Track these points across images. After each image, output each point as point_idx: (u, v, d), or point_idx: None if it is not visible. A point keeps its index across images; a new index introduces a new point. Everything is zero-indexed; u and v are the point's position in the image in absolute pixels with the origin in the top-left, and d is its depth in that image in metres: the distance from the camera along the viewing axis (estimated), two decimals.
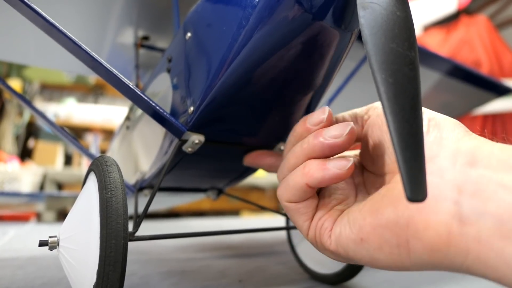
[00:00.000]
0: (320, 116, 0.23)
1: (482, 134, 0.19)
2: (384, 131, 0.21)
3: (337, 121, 0.25)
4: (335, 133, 0.21)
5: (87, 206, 0.23)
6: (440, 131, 0.19)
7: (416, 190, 0.14)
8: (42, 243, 0.24)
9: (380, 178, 0.23)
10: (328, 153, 0.22)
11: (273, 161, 0.30)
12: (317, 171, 0.21)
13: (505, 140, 0.19)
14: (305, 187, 0.22)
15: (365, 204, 0.20)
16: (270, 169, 0.30)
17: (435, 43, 1.65)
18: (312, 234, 0.23)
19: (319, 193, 0.24)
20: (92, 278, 0.20)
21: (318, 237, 0.22)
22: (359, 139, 0.24)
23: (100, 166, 0.23)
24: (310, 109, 0.29)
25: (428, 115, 0.20)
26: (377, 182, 0.23)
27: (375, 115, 0.23)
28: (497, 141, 0.18)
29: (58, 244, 0.24)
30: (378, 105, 0.23)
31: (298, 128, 0.24)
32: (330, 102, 0.43)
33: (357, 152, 0.26)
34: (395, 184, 0.19)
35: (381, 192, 0.20)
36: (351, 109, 0.25)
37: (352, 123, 0.22)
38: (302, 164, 0.22)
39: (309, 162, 0.22)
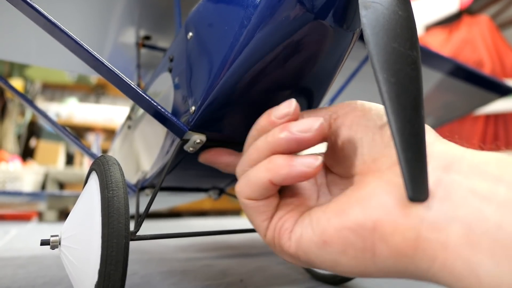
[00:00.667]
0: (285, 109, 0.21)
1: (452, 139, 0.19)
2: (354, 130, 0.20)
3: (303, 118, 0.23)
4: (303, 127, 0.20)
5: (88, 205, 0.23)
6: None
7: (418, 190, 0.14)
8: (44, 242, 0.24)
9: (346, 180, 0.22)
10: (294, 149, 0.20)
11: (231, 159, 0.28)
12: (282, 167, 0.20)
13: (496, 145, 0.19)
14: (268, 183, 0.20)
15: (330, 205, 0.19)
16: (226, 168, 0.28)
17: (437, 43, 1.65)
18: (271, 235, 0.21)
19: (280, 192, 0.23)
20: (94, 277, 0.20)
21: (277, 239, 0.21)
22: (325, 138, 0.22)
23: (101, 166, 0.23)
24: (312, 107, 0.29)
25: None
26: (342, 183, 0.22)
27: (344, 114, 0.21)
28: (468, 147, 0.18)
29: (59, 243, 0.24)
30: (349, 103, 0.22)
31: (262, 121, 0.23)
32: (331, 102, 0.43)
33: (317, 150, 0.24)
34: (363, 185, 0.18)
35: (348, 193, 0.19)
36: None
37: (322, 118, 0.20)
38: (267, 159, 0.21)
39: (274, 157, 0.20)
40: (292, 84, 0.26)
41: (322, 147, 0.23)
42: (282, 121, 0.21)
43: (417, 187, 0.14)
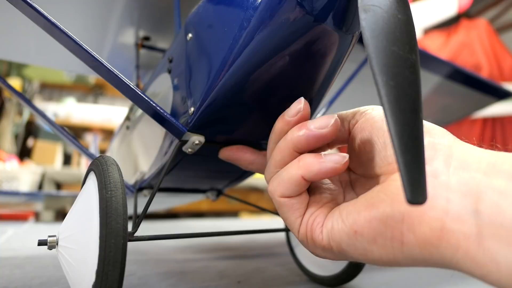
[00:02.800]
0: (296, 106, 0.23)
1: (469, 141, 0.20)
2: (375, 134, 0.21)
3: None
4: (320, 124, 0.21)
5: (86, 205, 0.23)
6: (432, 137, 0.20)
7: (416, 192, 0.14)
8: (41, 243, 0.24)
9: (370, 180, 0.23)
10: (313, 145, 0.22)
11: (253, 158, 0.29)
12: (314, 164, 0.21)
13: (493, 146, 0.20)
14: (301, 179, 0.22)
15: (358, 200, 0.20)
16: (249, 166, 0.29)
17: (436, 46, 1.65)
18: (303, 230, 0.23)
19: (309, 191, 0.24)
20: (91, 277, 0.20)
21: (309, 233, 0.22)
22: (345, 141, 0.25)
23: (100, 166, 0.23)
24: (311, 109, 0.29)
25: None
26: (367, 184, 0.23)
27: (364, 120, 0.23)
28: (485, 147, 0.19)
29: (57, 244, 0.24)
30: (366, 109, 0.23)
31: (278, 124, 0.24)
32: (330, 104, 0.43)
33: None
34: (390, 182, 0.20)
35: (375, 189, 0.20)
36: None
37: (336, 114, 0.22)
38: (297, 158, 0.22)
39: (304, 156, 0.22)
40: (291, 85, 0.26)
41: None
42: (295, 119, 0.23)
43: (415, 190, 0.14)
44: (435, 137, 0.20)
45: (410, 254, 0.18)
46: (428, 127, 0.21)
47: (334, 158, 0.21)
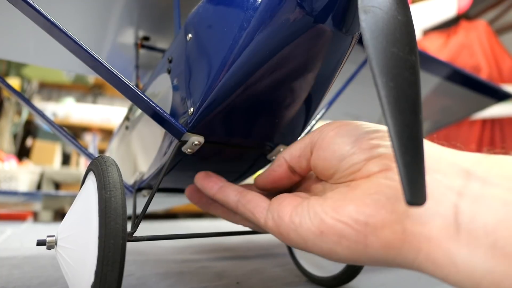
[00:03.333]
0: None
1: (434, 140, 0.20)
2: (332, 150, 0.22)
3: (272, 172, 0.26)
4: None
5: (86, 206, 0.23)
6: None
7: (416, 194, 0.14)
8: (40, 243, 0.24)
9: (340, 185, 0.22)
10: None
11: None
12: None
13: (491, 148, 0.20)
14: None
15: (327, 200, 0.21)
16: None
17: (435, 47, 1.66)
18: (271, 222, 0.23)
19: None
20: (90, 278, 0.20)
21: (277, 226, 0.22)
22: (307, 168, 0.25)
23: (99, 166, 0.23)
24: (310, 111, 0.29)
25: None
26: (336, 187, 0.23)
27: (320, 139, 0.23)
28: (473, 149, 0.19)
29: (56, 244, 0.24)
30: (320, 128, 0.24)
31: None
32: (330, 105, 0.43)
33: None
34: (356, 187, 0.20)
35: (343, 192, 0.20)
36: (351, 112, 0.26)
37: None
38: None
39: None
40: (290, 86, 0.26)
41: None
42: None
43: (415, 191, 0.14)
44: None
45: (374, 256, 0.18)
46: None
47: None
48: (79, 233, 0.22)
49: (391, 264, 0.18)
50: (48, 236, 0.24)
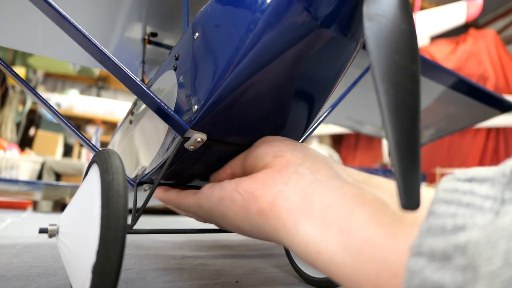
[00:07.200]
0: None
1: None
2: (256, 154, 0.27)
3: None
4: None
5: (88, 193, 0.23)
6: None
7: (410, 199, 0.14)
8: (42, 230, 0.25)
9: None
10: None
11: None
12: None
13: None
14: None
15: (236, 180, 0.26)
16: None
17: (443, 54, 1.65)
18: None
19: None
20: (91, 258, 0.20)
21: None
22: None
23: (102, 155, 0.24)
24: (312, 113, 0.30)
25: None
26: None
27: (248, 150, 0.29)
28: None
29: (57, 232, 0.25)
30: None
31: None
32: (332, 108, 0.43)
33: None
34: (259, 173, 0.25)
35: (250, 176, 0.26)
36: (353, 117, 0.26)
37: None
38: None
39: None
40: (294, 88, 0.26)
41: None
42: None
43: (410, 196, 0.14)
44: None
45: (252, 222, 0.24)
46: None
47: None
48: (81, 218, 0.23)
49: (262, 231, 0.23)
50: (50, 225, 0.25)
